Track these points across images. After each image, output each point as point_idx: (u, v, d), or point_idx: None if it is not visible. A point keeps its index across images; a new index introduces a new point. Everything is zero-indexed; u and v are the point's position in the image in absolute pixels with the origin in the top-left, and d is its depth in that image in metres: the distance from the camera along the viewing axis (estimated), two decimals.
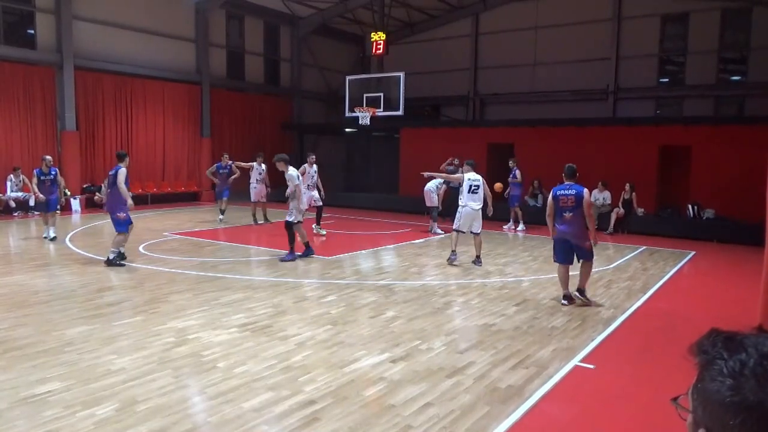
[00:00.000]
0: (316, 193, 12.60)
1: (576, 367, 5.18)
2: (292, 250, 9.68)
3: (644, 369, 5.34)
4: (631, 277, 9.22)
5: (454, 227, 9.85)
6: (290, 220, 9.57)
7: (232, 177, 14.63)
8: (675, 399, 1.02)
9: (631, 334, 6.36)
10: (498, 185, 12.37)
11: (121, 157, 9.15)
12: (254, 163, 14.35)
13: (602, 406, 4.55)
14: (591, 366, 5.24)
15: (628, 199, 14.56)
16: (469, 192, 9.63)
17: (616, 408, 4.50)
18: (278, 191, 13.88)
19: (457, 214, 9.76)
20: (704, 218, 14.31)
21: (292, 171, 9.73)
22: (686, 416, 1.00)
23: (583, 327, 6.37)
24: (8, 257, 10.05)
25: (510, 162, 14.77)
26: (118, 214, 8.90)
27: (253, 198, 14.34)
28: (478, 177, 9.84)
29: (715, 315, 7.23)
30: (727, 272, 10.50)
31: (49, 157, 11.37)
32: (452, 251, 9.75)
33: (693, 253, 11.87)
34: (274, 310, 6.68)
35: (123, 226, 8.93)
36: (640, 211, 14.72)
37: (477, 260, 9.72)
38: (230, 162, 14.72)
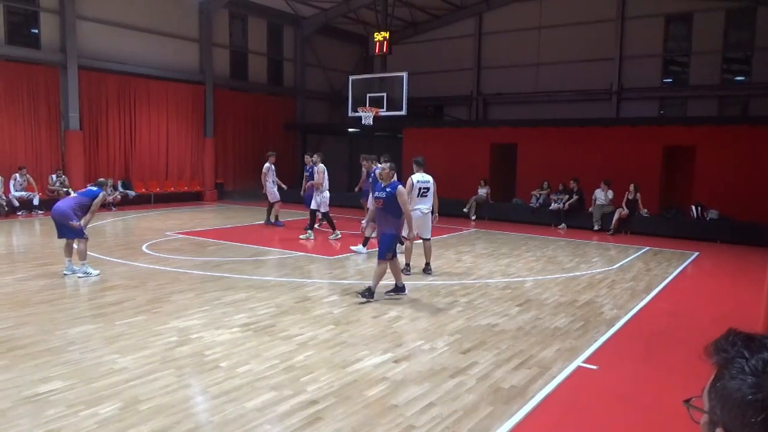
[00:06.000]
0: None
1: (579, 367, 5.17)
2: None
3: (647, 370, 5.32)
4: (635, 277, 9.20)
5: (403, 235, 8.65)
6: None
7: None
8: (688, 400, 1.02)
9: (634, 335, 6.34)
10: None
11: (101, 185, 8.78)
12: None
13: (605, 407, 4.53)
14: (594, 367, 5.23)
15: (632, 200, 14.53)
16: (418, 196, 8.84)
17: (619, 409, 4.48)
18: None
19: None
20: (708, 219, 14.27)
21: None
22: (699, 417, 0.99)
23: (586, 328, 6.35)
24: (12, 256, 10.09)
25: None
26: (72, 223, 8.10)
27: None
28: (428, 178, 8.97)
29: (719, 316, 7.19)
30: (731, 273, 10.47)
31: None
32: (406, 264, 8.94)
33: (697, 253, 11.83)
34: (277, 310, 6.68)
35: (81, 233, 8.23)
36: (644, 211, 14.68)
37: (427, 268, 9.00)
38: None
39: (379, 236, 7.40)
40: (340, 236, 12.14)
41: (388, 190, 7.26)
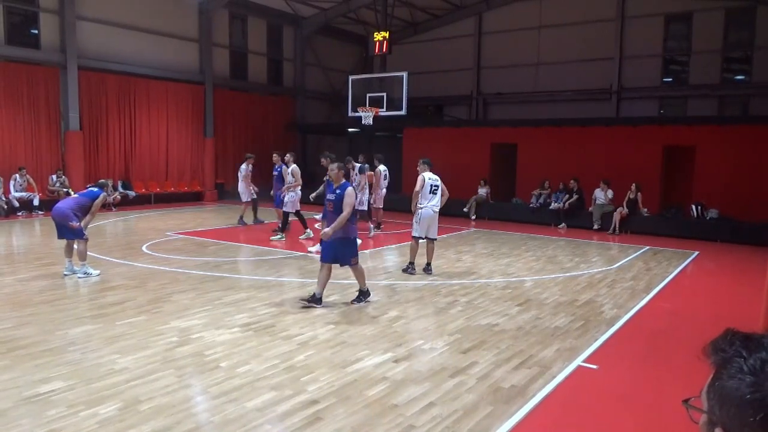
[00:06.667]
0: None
1: (579, 367, 5.17)
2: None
3: (647, 369, 5.32)
4: (635, 277, 9.20)
5: (413, 234, 8.95)
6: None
7: None
8: (686, 401, 1.02)
9: (634, 334, 6.35)
10: None
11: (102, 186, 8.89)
12: None
13: (605, 407, 4.54)
14: (594, 366, 5.23)
15: (633, 199, 14.54)
16: (429, 193, 8.81)
17: (619, 408, 4.49)
18: None
19: (416, 219, 8.88)
20: (708, 218, 14.27)
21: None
22: (698, 417, 0.99)
23: (586, 327, 6.35)
24: (12, 257, 10.09)
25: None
26: (71, 223, 8.10)
27: None
28: (436, 177, 8.92)
29: (718, 315, 7.20)
30: (730, 272, 10.47)
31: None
32: (410, 263, 9.00)
33: (696, 253, 11.83)
34: (277, 310, 6.69)
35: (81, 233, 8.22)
36: (644, 211, 14.69)
37: (427, 267, 8.98)
38: None
39: (331, 241, 6.74)
40: (283, 239, 11.85)
41: (338, 191, 6.76)
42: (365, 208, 12.51)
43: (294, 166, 12.20)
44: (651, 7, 19.62)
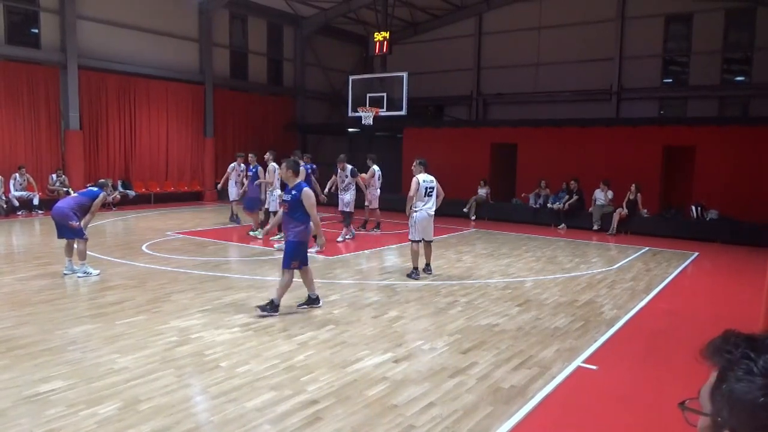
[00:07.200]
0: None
1: (579, 367, 5.17)
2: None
3: (647, 370, 5.32)
4: (635, 277, 9.20)
5: (410, 238, 8.82)
6: None
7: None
8: (682, 403, 1.00)
9: (634, 335, 6.35)
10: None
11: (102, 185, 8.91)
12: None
13: (605, 408, 4.53)
14: (594, 367, 5.23)
15: (633, 200, 14.53)
16: (425, 195, 8.71)
17: (619, 409, 4.49)
18: None
19: (411, 222, 8.80)
20: (708, 219, 14.27)
21: None
22: (695, 420, 0.97)
23: (586, 328, 6.35)
24: (12, 256, 10.09)
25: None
26: (71, 223, 8.11)
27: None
28: (432, 178, 8.77)
29: (718, 316, 7.20)
30: (730, 273, 10.47)
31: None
32: (414, 268, 8.75)
33: (696, 254, 11.83)
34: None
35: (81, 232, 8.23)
36: (644, 212, 14.68)
37: (427, 268, 8.96)
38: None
39: (287, 242, 6.66)
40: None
41: (293, 192, 6.56)
42: (350, 210, 12.45)
43: (271, 164, 12.06)
44: (651, 8, 19.62)
